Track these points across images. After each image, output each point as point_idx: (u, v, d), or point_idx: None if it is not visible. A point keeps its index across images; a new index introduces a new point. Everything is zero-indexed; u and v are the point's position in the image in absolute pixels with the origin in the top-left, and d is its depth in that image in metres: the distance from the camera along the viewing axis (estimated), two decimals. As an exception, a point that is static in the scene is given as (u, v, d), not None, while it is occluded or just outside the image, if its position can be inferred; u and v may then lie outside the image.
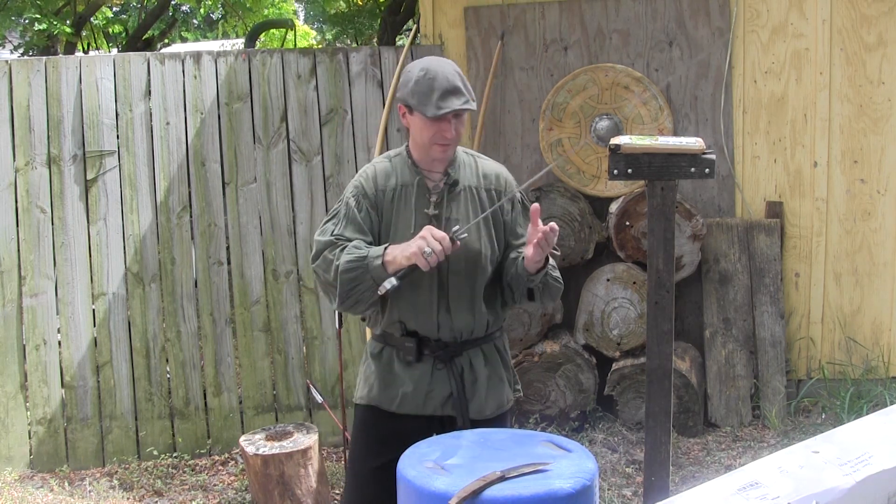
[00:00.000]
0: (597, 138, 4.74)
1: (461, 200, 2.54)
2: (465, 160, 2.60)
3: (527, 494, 1.91)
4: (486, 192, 2.58)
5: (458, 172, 2.55)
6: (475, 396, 2.55)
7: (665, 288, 2.63)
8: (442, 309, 2.50)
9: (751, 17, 4.69)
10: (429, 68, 2.45)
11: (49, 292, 4.53)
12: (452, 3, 4.83)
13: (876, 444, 1.63)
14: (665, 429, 2.65)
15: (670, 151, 2.59)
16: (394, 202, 2.53)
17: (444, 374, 2.53)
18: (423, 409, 2.53)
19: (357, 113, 4.77)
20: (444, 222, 2.50)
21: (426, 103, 2.41)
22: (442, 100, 2.40)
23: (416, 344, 2.51)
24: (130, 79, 4.61)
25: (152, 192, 4.63)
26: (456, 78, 2.44)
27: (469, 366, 2.55)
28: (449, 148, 2.49)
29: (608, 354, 4.62)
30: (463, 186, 2.55)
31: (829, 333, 4.79)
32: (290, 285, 4.72)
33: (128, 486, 4.29)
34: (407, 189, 2.53)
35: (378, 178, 2.56)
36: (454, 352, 2.53)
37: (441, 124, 2.44)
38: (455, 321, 2.51)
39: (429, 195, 2.52)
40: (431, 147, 2.48)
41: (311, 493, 3.79)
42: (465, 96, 2.43)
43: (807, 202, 4.74)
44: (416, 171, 2.54)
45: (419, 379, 2.53)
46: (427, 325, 2.51)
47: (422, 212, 2.50)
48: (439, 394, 2.53)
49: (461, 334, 2.53)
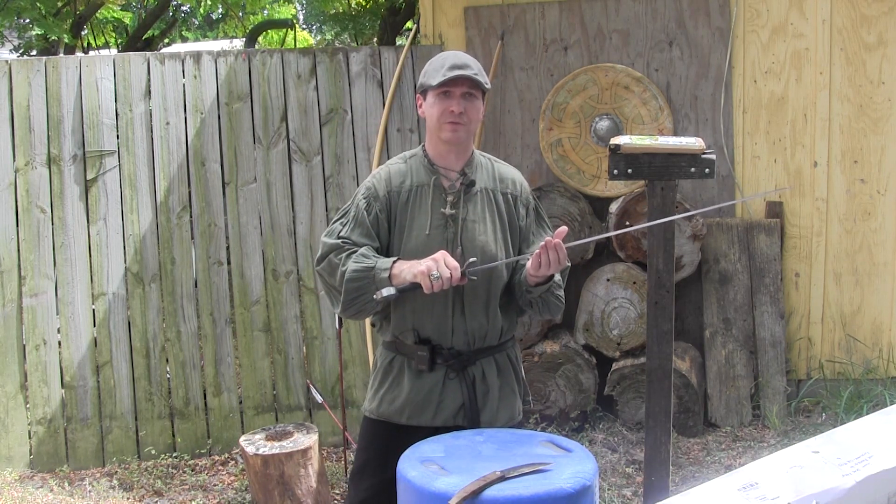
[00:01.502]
0: (597, 138, 4.74)
1: (478, 201, 2.50)
2: (481, 162, 2.58)
3: (527, 494, 1.91)
4: (503, 196, 2.55)
5: (475, 173, 2.52)
6: (486, 407, 2.50)
7: (665, 288, 2.63)
8: (457, 312, 2.46)
9: (751, 17, 4.69)
10: (444, 53, 2.52)
11: (49, 292, 4.53)
12: (452, 3, 4.83)
13: (876, 444, 1.63)
14: (665, 429, 2.66)
15: (670, 151, 2.59)
16: (409, 203, 2.49)
17: (455, 384, 2.49)
18: (434, 420, 2.49)
19: (357, 113, 4.77)
20: (460, 223, 2.46)
21: (434, 76, 2.43)
22: (450, 70, 2.41)
23: (428, 352, 2.47)
24: (130, 79, 4.61)
25: (152, 192, 4.63)
26: (467, 58, 2.46)
27: (482, 376, 2.51)
28: (459, 128, 2.44)
29: (608, 354, 4.62)
30: (480, 188, 2.52)
31: (829, 333, 4.79)
32: (290, 285, 4.72)
33: (128, 486, 4.29)
34: (423, 189, 2.50)
35: (392, 179, 2.53)
36: (467, 361, 2.49)
37: (448, 100, 2.42)
38: (470, 325, 2.47)
39: (445, 194, 2.49)
40: (441, 128, 2.45)
41: (311, 493, 3.79)
42: (474, 70, 2.42)
43: (807, 202, 4.74)
44: (432, 170, 2.51)
45: (430, 389, 2.49)
46: (441, 330, 2.47)
47: (438, 211, 2.47)
48: (450, 404, 2.49)
49: (474, 340, 2.49)
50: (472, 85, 2.43)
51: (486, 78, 2.49)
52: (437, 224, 2.45)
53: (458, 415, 2.49)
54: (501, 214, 2.53)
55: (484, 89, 2.47)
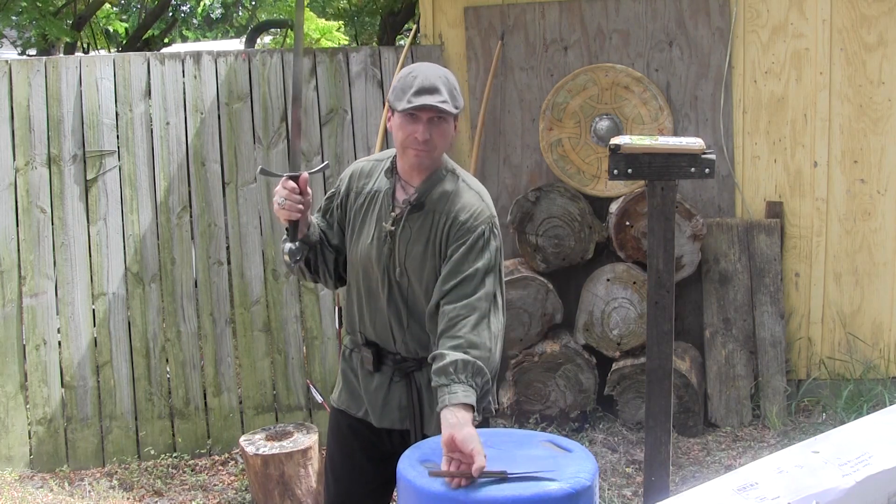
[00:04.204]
0: (597, 138, 4.74)
1: (422, 223, 2.37)
2: (447, 185, 2.39)
3: (527, 495, 1.91)
4: (444, 227, 2.34)
5: (427, 194, 2.37)
6: (432, 414, 2.39)
7: (665, 288, 2.63)
8: (394, 322, 2.42)
9: (751, 17, 4.69)
10: (416, 68, 2.34)
11: (49, 292, 4.53)
12: (452, 3, 4.83)
13: (876, 444, 1.63)
14: (665, 429, 2.65)
15: (670, 151, 2.59)
16: (363, 206, 2.46)
17: (402, 387, 2.45)
18: (380, 421, 2.47)
19: (357, 113, 4.77)
20: (397, 242, 2.37)
21: (401, 98, 2.28)
22: (415, 96, 2.25)
23: (373, 355, 2.45)
24: (130, 79, 4.61)
25: (152, 192, 4.63)
26: (438, 80, 2.29)
27: (427, 383, 2.38)
28: (423, 154, 2.31)
29: (608, 354, 4.62)
30: (428, 210, 2.36)
31: (829, 333, 4.79)
32: (290, 285, 4.72)
33: (128, 486, 4.29)
34: (377, 196, 2.44)
35: (358, 178, 2.51)
36: (413, 367, 2.44)
37: (414, 125, 2.28)
38: (409, 334, 2.42)
39: (392, 208, 2.40)
40: (406, 151, 2.33)
41: (311, 493, 3.79)
42: (443, 96, 2.26)
43: (807, 202, 4.74)
44: (392, 178, 2.43)
45: (377, 388, 2.47)
46: (383, 337, 2.45)
47: (381, 224, 2.41)
48: (395, 406, 2.46)
49: (417, 349, 2.43)
50: (440, 111, 2.27)
51: (459, 98, 2.32)
52: (379, 236, 2.40)
53: (404, 418, 2.45)
54: (439, 244, 2.37)
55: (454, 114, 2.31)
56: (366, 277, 2.44)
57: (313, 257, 2.48)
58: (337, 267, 2.54)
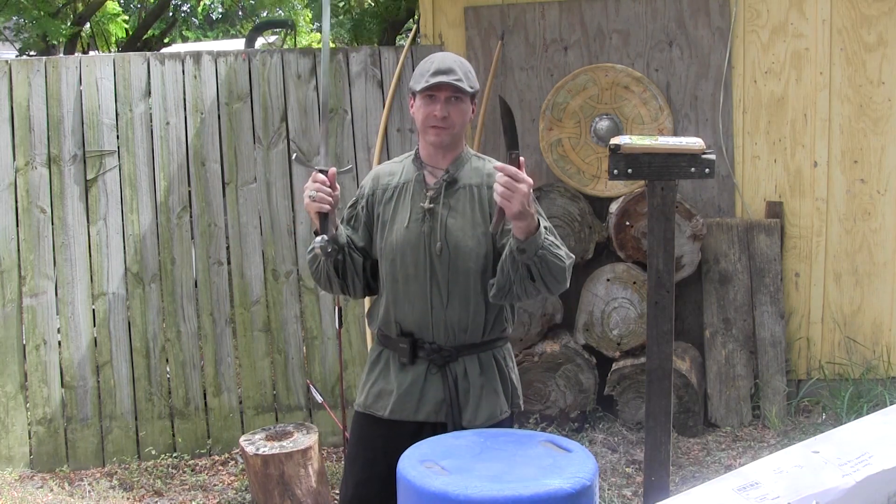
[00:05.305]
0: (597, 138, 4.74)
1: (460, 197, 2.52)
2: (473, 162, 2.57)
3: (526, 494, 1.91)
4: (489, 190, 2.46)
5: (459, 171, 2.53)
6: (468, 405, 2.50)
7: (665, 288, 2.63)
8: (436, 304, 2.48)
9: (751, 17, 4.69)
10: (432, 56, 2.53)
11: (49, 292, 4.54)
12: (452, 3, 4.83)
13: (876, 444, 1.63)
14: (665, 429, 2.65)
15: (670, 151, 2.59)
16: (392, 199, 2.56)
17: (438, 379, 2.50)
18: (416, 414, 2.51)
19: (357, 113, 4.77)
20: (439, 217, 2.49)
21: (419, 81, 2.46)
22: (432, 76, 2.43)
23: (409, 345, 2.50)
24: (130, 79, 4.61)
25: (152, 192, 4.63)
26: (453, 62, 2.47)
27: (463, 373, 2.51)
28: (442, 132, 2.47)
29: (608, 354, 4.62)
30: (463, 184, 2.53)
31: (829, 333, 4.79)
32: (290, 285, 4.72)
33: (128, 486, 4.29)
34: (408, 185, 2.56)
35: (381, 177, 2.63)
36: (449, 357, 2.50)
37: (432, 105, 2.45)
38: (449, 317, 2.48)
39: (427, 190, 2.53)
40: (426, 132, 2.49)
41: (311, 493, 3.79)
42: (458, 76, 2.43)
43: (807, 202, 4.74)
44: (419, 167, 2.56)
45: (412, 382, 2.51)
46: (421, 323, 2.50)
47: (417, 205, 2.51)
48: (432, 399, 2.50)
49: (455, 334, 2.49)
50: (456, 90, 2.44)
51: (473, 80, 2.49)
52: (416, 218, 2.49)
53: (440, 411, 2.50)
54: (484, 209, 2.50)
55: (469, 93, 2.47)
56: (402, 264, 2.50)
57: (341, 260, 2.54)
58: (365, 271, 2.60)
